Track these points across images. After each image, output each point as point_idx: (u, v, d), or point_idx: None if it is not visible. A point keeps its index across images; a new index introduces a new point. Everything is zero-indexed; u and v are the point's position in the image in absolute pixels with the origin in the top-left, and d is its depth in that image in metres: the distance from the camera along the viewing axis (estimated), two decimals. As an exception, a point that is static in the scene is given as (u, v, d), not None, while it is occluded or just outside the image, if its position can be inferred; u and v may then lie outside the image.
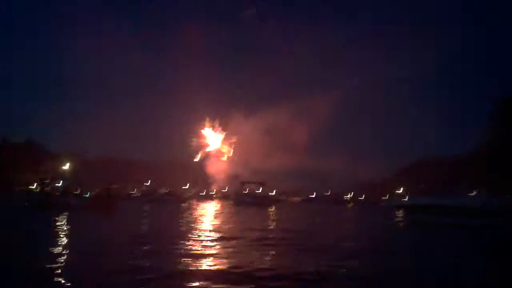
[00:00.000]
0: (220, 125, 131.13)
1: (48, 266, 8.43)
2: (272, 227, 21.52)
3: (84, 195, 39.56)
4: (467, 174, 67.48)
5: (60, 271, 8.51)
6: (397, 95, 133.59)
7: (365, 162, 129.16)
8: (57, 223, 21.13)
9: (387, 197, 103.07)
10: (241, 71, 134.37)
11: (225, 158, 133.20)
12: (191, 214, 35.70)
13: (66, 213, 29.55)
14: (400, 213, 51.40)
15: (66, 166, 44.94)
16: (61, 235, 15.01)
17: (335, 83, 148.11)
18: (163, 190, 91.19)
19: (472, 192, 35.56)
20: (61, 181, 42.16)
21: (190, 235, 13.07)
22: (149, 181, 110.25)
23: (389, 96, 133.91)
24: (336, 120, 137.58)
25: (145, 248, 11.75)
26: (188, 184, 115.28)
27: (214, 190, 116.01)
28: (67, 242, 13.38)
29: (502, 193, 32.52)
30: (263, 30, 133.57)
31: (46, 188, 42.59)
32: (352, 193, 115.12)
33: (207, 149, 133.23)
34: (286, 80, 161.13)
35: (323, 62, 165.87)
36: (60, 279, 8.01)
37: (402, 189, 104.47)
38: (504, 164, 39.08)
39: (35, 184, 48.34)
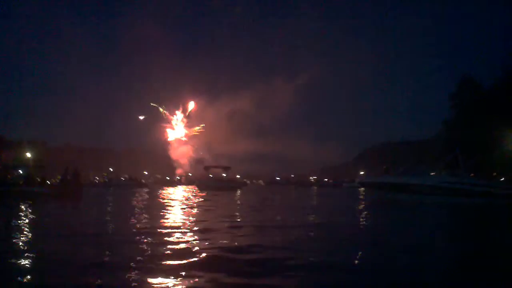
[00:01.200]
0: (184, 111, 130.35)
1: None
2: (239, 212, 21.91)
3: (48, 182, 38.91)
4: (428, 156, 70.09)
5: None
6: (360, 81, 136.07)
7: (328, 146, 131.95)
8: (21, 212, 20.86)
9: (350, 178, 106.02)
10: (205, 56, 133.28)
11: (188, 142, 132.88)
12: (154, 200, 35.70)
13: (30, 202, 29.11)
14: (362, 192, 53.05)
15: (28, 154, 44.05)
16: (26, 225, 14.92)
17: (300, 69, 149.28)
18: (124, 176, 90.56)
19: (433, 172, 36.96)
20: (22, 169, 41.24)
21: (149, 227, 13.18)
22: (111, 168, 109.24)
23: (352, 82, 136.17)
24: (300, 105, 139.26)
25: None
26: (146, 171, 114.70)
27: (179, 176, 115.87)
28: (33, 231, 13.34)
29: (464, 172, 34.02)
30: (230, 14, 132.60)
31: (7, 176, 41.68)
32: (316, 176, 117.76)
33: (171, 135, 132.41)
34: (250, 66, 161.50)
35: (288, 47, 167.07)
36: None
37: (363, 171, 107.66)
38: (463, 143, 40.75)
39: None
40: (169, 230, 12.67)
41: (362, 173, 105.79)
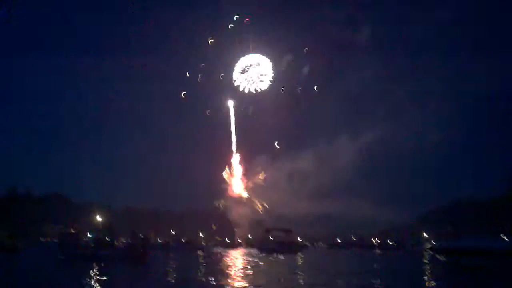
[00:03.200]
0: (244, 171, 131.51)
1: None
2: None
3: (116, 246, 39.78)
4: (497, 216, 66.24)
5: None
6: (425, 140, 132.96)
7: (391, 206, 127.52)
8: (98, 277, 21.35)
9: (414, 241, 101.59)
10: (263, 115, 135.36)
11: (248, 204, 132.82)
12: (215, 263, 35.55)
13: (101, 265, 29.70)
14: (429, 256, 50.22)
15: (99, 218, 45.60)
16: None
17: (363, 127, 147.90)
18: (185, 239, 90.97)
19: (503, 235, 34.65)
20: (93, 233, 42.64)
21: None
22: (172, 230, 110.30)
23: (416, 142, 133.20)
24: (362, 164, 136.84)
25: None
26: (203, 233, 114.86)
27: (239, 238, 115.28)
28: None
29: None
30: (291, 78, 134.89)
31: (77, 240, 43.28)
32: (378, 238, 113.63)
33: (231, 195, 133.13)
34: (311, 125, 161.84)
35: (350, 107, 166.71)
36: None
37: (427, 234, 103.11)
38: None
39: (64, 236, 49.09)
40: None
41: (425, 235, 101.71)
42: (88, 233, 42.93)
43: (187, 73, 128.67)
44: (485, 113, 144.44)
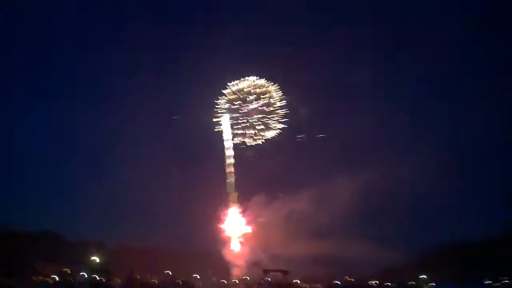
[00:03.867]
0: (240, 211, 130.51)
1: None
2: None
3: (111, 286, 39.01)
4: (494, 260, 65.53)
5: None
6: (426, 179, 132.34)
7: (390, 246, 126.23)
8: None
9: (413, 283, 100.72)
10: (260, 156, 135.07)
11: (244, 243, 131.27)
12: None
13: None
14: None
15: (94, 258, 44.85)
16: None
17: (362, 166, 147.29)
18: (180, 280, 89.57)
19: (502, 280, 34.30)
20: (88, 272, 42.01)
21: None
22: (166, 271, 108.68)
23: (417, 181, 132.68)
24: (361, 203, 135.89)
25: None
26: (201, 273, 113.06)
27: (236, 279, 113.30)
28: None
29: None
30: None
31: (71, 280, 42.52)
32: (377, 279, 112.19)
33: (227, 236, 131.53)
34: (310, 165, 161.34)
35: (349, 147, 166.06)
36: None
37: (427, 274, 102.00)
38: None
39: (57, 275, 48.25)
40: None
41: (424, 276, 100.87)
42: (83, 273, 42.23)
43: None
44: (486, 156, 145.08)
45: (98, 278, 39.72)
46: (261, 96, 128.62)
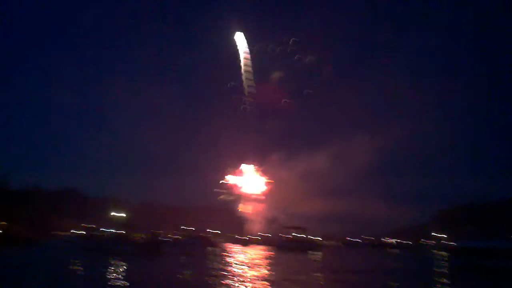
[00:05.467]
0: (257, 168, 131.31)
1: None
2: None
3: (132, 241, 39.75)
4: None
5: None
6: (436, 143, 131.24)
7: (404, 205, 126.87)
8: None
9: (431, 241, 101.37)
10: (277, 114, 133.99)
11: (261, 200, 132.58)
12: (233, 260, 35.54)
13: (118, 258, 30.21)
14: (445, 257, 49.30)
15: (115, 213, 45.63)
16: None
17: (380, 127, 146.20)
18: (196, 235, 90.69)
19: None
20: (112, 227, 42.88)
21: None
22: (184, 226, 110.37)
23: (432, 142, 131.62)
24: (376, 163, 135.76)
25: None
26: (218, 229, 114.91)
27: (253, 235, 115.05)
28: None
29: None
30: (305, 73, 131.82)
31: (95, 234, 43.68)
32: (393, 237, 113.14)
33: (243, 192, 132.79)
34: (326, 124, 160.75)
35: (365, 107, 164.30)
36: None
37: (443, 232, 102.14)
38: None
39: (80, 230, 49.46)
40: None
41: (442, 235, 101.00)
42: (106, 228, 43.20)
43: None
44: (506, 112, 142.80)
45: (121, 233, 40.50)
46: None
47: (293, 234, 71.85)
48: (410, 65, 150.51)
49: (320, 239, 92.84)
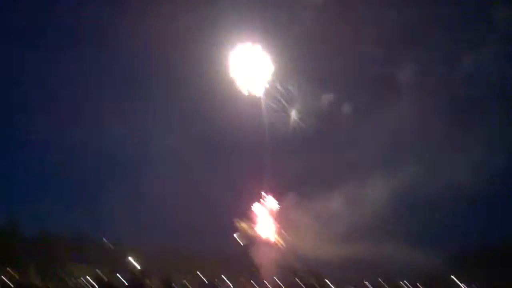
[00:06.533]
0: (271, 210, 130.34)
1: None
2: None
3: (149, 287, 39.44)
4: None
5: None
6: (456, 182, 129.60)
7: (423, 249, 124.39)
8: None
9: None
10: (293, 152, 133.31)
11: (274, 244, 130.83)
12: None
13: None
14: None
15: (130, 260, 45.49)
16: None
17: (393, 170, 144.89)
18: (210, 282, 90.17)
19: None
20: (123, 274, 42.66)
21: None
22: (198, 272, 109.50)
23: (454, 184, 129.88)
24: (392, 206, 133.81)
25: None
26: (227, 275, 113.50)
27: (265, 281, 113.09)
28: None
29: None
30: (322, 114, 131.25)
31: (107, 280, 43.30)
32: (409, 282, 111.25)
33: (256, 235, 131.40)
34: (342, 164, 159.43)
35: (382, 148, 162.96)
36: None
37: (459, 278, 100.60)
38: None
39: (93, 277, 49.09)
40: None
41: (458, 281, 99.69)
42: (119, 275, 42.95)
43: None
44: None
45: (135, 280, 40.19)
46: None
47: (307, 279, 70.91)
48: (428, 106, 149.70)
49: (332, 283, 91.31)
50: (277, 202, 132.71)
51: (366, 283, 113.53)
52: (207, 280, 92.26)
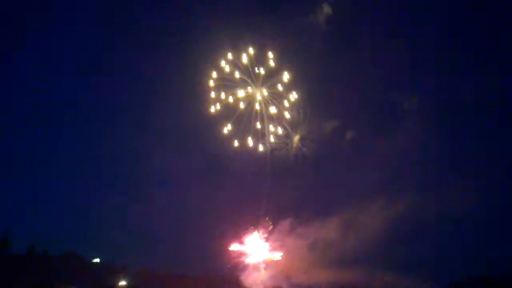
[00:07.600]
0: (264, 236, 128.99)
1: None
2: None
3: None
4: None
5: None
6: (454, 212, 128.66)
7: (415, 277, 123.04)
8: None
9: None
10: (290, 177, 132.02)
11: (265, 269, 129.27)
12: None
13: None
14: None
15: (117, 281, 44.33)
16: None
17: (391, 197, 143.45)
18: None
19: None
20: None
21: None
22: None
23: (452, 212, 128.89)
24: (386, 233, 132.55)
25: None
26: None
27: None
28: None
29: None
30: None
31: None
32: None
33: (247, 261, 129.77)
34: (336, 191, 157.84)
35: (378, 175, 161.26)
36: None
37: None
38: None
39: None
40: None
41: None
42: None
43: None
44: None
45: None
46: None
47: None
48: (428, 131, 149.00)
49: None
50: (271, 227, 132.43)
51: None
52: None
